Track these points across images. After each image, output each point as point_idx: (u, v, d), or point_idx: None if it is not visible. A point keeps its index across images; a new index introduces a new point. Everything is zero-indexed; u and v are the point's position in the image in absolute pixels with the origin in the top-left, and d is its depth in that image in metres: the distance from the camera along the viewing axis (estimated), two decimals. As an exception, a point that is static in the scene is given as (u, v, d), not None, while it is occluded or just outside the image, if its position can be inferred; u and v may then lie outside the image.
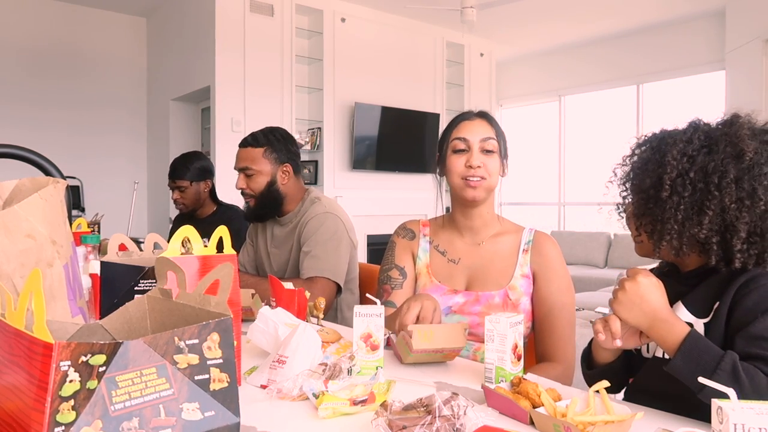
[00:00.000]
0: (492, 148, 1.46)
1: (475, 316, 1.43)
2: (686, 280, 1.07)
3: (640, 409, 0.92)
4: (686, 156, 1.00)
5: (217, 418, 0.72)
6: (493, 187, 1.47)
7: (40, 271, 0.64)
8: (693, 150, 1.00)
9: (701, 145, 1.01)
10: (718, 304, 0.98)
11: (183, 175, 2.89)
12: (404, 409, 0.82)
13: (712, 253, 0.99)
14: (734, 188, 0.96)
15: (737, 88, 5.66)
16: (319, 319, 1.48)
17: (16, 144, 1.44)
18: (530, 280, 1.45)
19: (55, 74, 5.50)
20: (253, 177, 2.04)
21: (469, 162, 1.44)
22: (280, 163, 2.05)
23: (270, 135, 2.08)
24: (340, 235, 1.98)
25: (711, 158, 0.99)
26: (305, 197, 2.12)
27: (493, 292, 1.44)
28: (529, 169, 7.70)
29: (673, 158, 1.01)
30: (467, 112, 1.54)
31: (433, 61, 6.30)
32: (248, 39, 5.05)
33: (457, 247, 1.53)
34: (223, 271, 0.83)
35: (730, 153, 0.98)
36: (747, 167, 0.97)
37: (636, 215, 1.08)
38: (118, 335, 0.82)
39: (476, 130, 1.47)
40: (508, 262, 1.47)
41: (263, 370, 1.10)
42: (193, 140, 5.85)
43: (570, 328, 1.42)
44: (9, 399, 0.66)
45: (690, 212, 0.99)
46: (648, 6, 5.78)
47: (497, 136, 1.48)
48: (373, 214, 5.69)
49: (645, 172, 1.05)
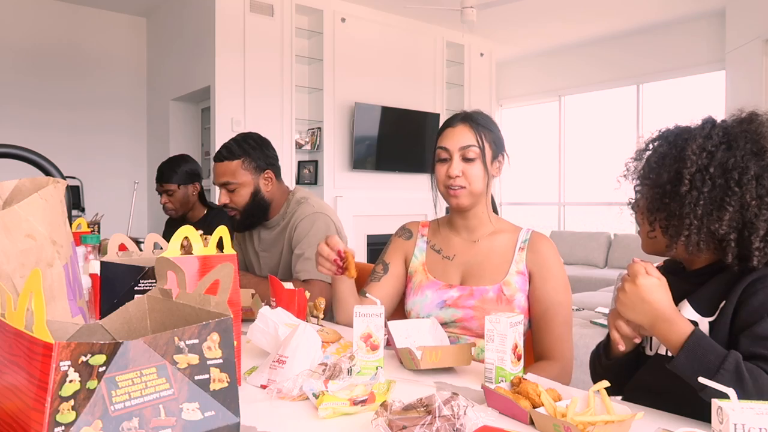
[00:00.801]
0: (473, 156, 1.46)
1: (468, 310, 1.45)
2: (692, 278, 1.07)
3: (640, 409, 0.92)
4: (705, 151, 0.99)
5: (217, 418, 0.72)
6: (477, 192, 1.47)
7: (40, 271, 0.64)
8: (712, 146, 1.00)
9: (720, 141, 1.00)
10: (724, 303, 0.98)
11: (170, 179, 2.86)
12: (404, 409, 0.82)
13: (729, 251, 0.98)
14: (755, 185, 0.96)
15: (737, 88, 5.66)
16: (319, 319, 1.49)
17: (16, 144, 1.44)
18: (525, 278, 1.46)
19: (55, 74, 5.50)
20: (236, 191, 1.98)
21: (448, 171, 1.46)
22: (260, 171, 2.00)
23: (244, 144, 2.00)
24: (330, 234, 1.98)
25: (731, 154, 0.98)
26: (290, 198, 2.08)
27: (488, 286, 1.45)
28: (529, 169, 7.70)
29: (692, 152, 0.99)
30: (454, 116, 1.53)
31: (433, 61, 6.30)
32: (248, 39, 5.06)
33: (452, 244, 1.56)
34: (223, 271, 0.83)
35: (750, 150, 0.98)
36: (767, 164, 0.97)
37: (650, 210, 1.06)
38: (118, 335, 0.82)
39: (457, 138, 1.47)
40: (503, 258, 1.48)
41: (263, 370, 1.10)
42: (193, 140, 5.85)
43: (566, 327, 1.43)
44: (9, 399, 0.66)
45: (710, 207, 0.98)
46: (648, 6, 5.78)
47: (482, 140, 1.47)
48: (373, 214, 5.69)
49: (662, 167, 1.04)
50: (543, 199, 7.72)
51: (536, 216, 7.78)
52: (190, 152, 4.71)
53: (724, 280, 1.00)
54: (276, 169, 2.06)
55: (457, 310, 1.46)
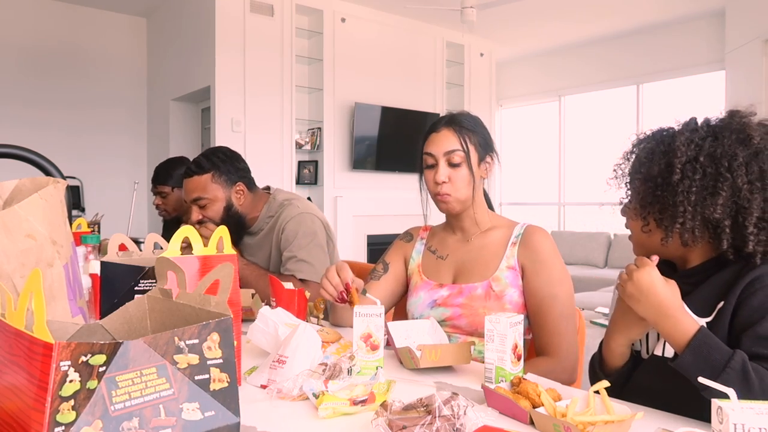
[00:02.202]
0: (458, 160, 1.44)
1: (457, 308, 1.44)
2: (687, 279, 1.06)
3: (640, 409, 0.92)
4: (693, 143, 1.01)
5: (217, 418, 0.72)
6: (464, 197, 1.47)
7: (40, 271, 0.64)
8: (699, 138, 1.01)
9: (706, 134, 1.02)
10: (722, 303, 0.98)
11: (165, 181, 2.84)
12: (404, 409, 0.82)
13: (723, 237, 0.98)
14: (745, 171, 0.97)
15: (737, 88, 5.66)
16: (319, 319, 1.49)
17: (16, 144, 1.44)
18: (517, 272, 1.43)
19: (55, 74, 5.50)
20: (207, 206, 1.94)
21: (435, 178, 1.45)
22: (231, 184, 1.97)
23: (213, 157, 1.98)
24: (320, 235, 1.97)
25: (718, 144, 0.99)
26: (270, 201, 2.05)
27: (476, 283, 1.44)
28: (529, 169, 7.70)
29: (681, 144, 1.01)
30: (439, 120, 1.51)
31: (433, 61, 6.29)
32: (248, 39, 5.05)
33: (447, 244, 1.56)
34: (223, 271, 0.83)
35: (736, 139, 0.99)
36: (755, 152, 0.98)
37: (643, 205, 1.06)
38: (118, 335, 0.82)
39: (441, 144, 1.45)
40: (494, 255, 1.47)
41: (263, 370, 1.10)
42: (193, 140, 5.85)
43: (563, 320, 1.37)
44: (9, 399, 0.66)
45: (703, 194, 0.98)
46: (648, 6, 5.78)
47: (466, 143, 1.45)
48: (373, 214, 5.69)
49: (652, 161, 1.05)
50: (543, 199, 7.72)
51: (536, 216, 7.78)
52: (190, 152, 4.72)
53: (720, 281, 1.00)
54: (248, 180, 2.02)
55: (446, 309, 1.46)
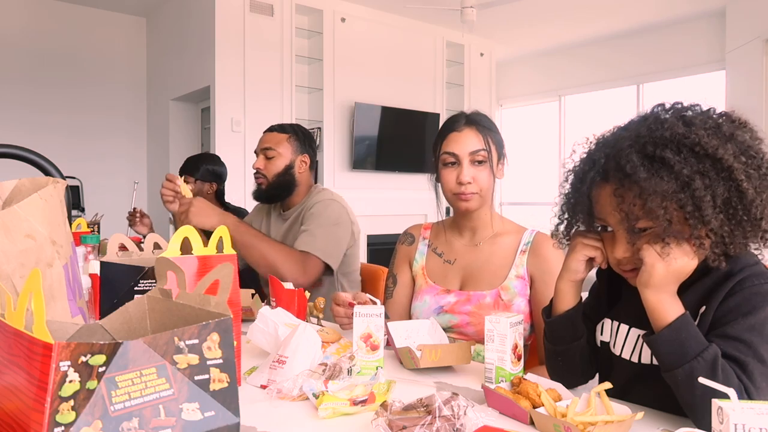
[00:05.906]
0: (482, 159, 1.44)
1: (464, 315, 1.43)
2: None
3: (640, 409, 0.92)
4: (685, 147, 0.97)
5: (217, 418, 0.71)
6: (486, 196, 1.47)
7: (40, 271, 0.64)
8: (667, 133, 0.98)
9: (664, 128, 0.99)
10: (704, 308, 0.97)
11: (191, 172, 2.95)
12: (404, 409, 0.82)
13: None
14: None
15: (737, 88, 5.66)
16: (319, 319, 1.49)
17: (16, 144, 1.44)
18: (526, 282, 1.43)
19: (54, 74, 5.50)
20: (273, 159, 2.07)
21: (459, 178, 1.44)
22: (300, 153, 2.11)
23: (296, 126, 2.17)
24: (342, 222, 2.00)
25: (690, 131, 0.96)
26: (312, 191, 2.16)
27: (485, 291, 1.43)
28: (529, 169, 7.70)
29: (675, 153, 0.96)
30: (456, 119, 1.50)
31: (433, 61, 6.29)
32: (248, 39, 5.05)
33: (454, 248, 1.54)
34: (223, 271, 0.83)
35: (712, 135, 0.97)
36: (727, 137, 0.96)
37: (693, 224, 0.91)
38: (118, 335, 0.82)
39: (465, 143, 1.45)
40: (503, 262, 1.46)
41: (263, 370, 1.10)
42: (193, 140, 5.85)
43: None
44: (9, 399, 0.66)
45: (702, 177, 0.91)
46: (648, 6, 5.78)
47: (489, 143, 1.45)
48: (373, 214, 5.68)
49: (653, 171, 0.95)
50: (543, 199, 7.71)
51: (536, 216, 7.76)
52: (190, 152, 4.71)
53: (703, 288, 0.98)
54: (313, 159, 2.16)
55: (453, 316, 1.45)
